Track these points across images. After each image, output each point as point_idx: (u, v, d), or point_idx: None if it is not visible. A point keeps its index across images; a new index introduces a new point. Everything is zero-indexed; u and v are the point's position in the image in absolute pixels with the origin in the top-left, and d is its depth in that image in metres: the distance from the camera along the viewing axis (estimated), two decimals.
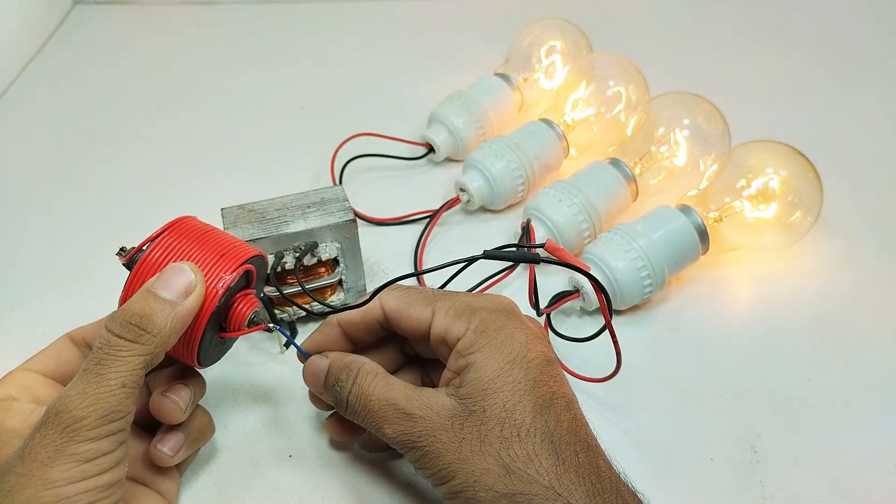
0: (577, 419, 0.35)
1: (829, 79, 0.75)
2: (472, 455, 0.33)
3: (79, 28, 0.87)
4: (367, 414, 0.36)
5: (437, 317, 0.37)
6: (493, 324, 0.36)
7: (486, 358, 0.35)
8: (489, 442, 0.33)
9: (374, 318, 0.39)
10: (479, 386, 0.35)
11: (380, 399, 0.36)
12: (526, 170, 0.57)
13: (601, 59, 0.62)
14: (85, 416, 0.31)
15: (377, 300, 0.39)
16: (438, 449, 0.34)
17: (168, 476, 0.39)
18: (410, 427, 0.35)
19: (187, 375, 0.38)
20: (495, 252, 0.38)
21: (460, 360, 0.36)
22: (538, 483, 0.32)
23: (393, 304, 0.39)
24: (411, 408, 0.35)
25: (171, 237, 0.37)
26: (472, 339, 0.36)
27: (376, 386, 0.36)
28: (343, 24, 0.86)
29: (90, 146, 0.69)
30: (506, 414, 0.34)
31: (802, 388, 0.46)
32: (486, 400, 0.34)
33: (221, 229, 0.39)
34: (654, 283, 0.49)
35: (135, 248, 0.37)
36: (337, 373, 0.38)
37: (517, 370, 0.35)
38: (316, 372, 0.39)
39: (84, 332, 0.39)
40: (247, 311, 0.38)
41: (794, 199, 0.51)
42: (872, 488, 0.41)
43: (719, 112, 0.56)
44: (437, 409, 0.35)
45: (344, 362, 0.38)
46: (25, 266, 0.56)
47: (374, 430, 0.36)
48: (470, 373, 0.35)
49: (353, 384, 0.37)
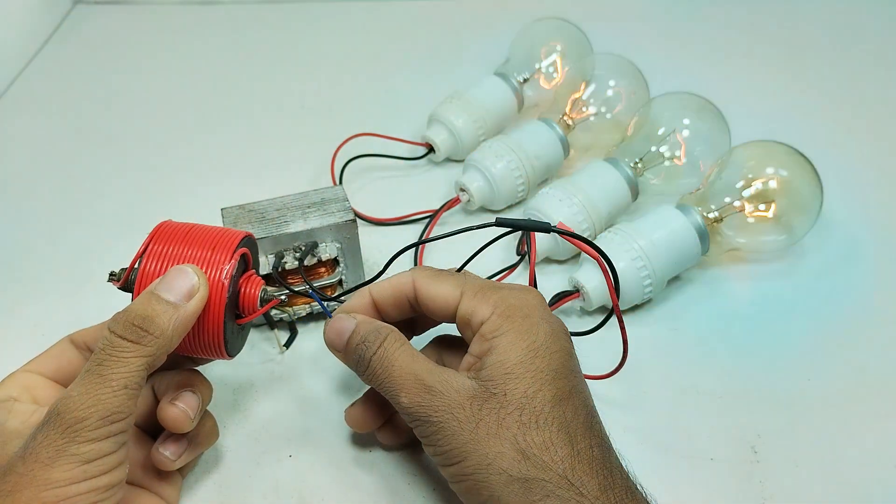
0: (593, 415, 0.36)
1: (829, 79, 0.75)
2: (488, 437, 0.34)
3: (79, 28, 0.87)
4: (387, 378, 0.36)
5: (465, 298, 0.38)
6: (520, 311, 0.37)
7: (509, 343, 0.35)
8: (507, 426, 0.34)
9: (404, 293, 0.40)
10: (501, 370, 0.35)
11: (402, 367, 0.36)
12: (526, 170, 0.57)
13: (601, 59, 0.62)
14: (86, 416, 0.31)
15: (409, 276, 0.40)
16: (454, 427, 0.34)
17: (169, 480, 0.39)
18: (428, 400, 0.35)
19: (195, 381, 0.38)
20: (507, 220, 0.39)
21: (483, 343, 0.36)
22: (552, 471, 0.33)
23: (423, 282, 0.39)
24: (432, 381, 0.35)
25: (159, 245, 0.37)
26: (497, 324, 0.36)
27: (402, 353, 0.37)
28: (343, 24, 0.86)
29: (90, 146, 0.69)
30: (526, 400, 0.34)
31: (802, 388, 0.46)
32: (508, 384, 0.34)
33: (199, 223, 0.39)
34: (654, 283, 0.49)
35: (127, 269, 0.37)
36: (365, 333, 0.38)
37: (540, 359, 0.35)
38: (341, 329, 0.39)
39: (85, 335, 0.39)
40: (255, 291, 0.39)
41: (794, 199, 0.51)
42: (872, 488, 0.41)
43: (719, 112, 0.56)
44: (457, 388, 0.35)
45: (374, 325, 0.38)
46: (25, 266, 0.56)
47: (389, 398, 0.37)
48: (492, 356, 0.35)
49: (379, 346, 0.37)
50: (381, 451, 0.43)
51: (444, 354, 0.43)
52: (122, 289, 0.37)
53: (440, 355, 0.43)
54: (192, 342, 0.37)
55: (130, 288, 0.37)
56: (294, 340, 0.49)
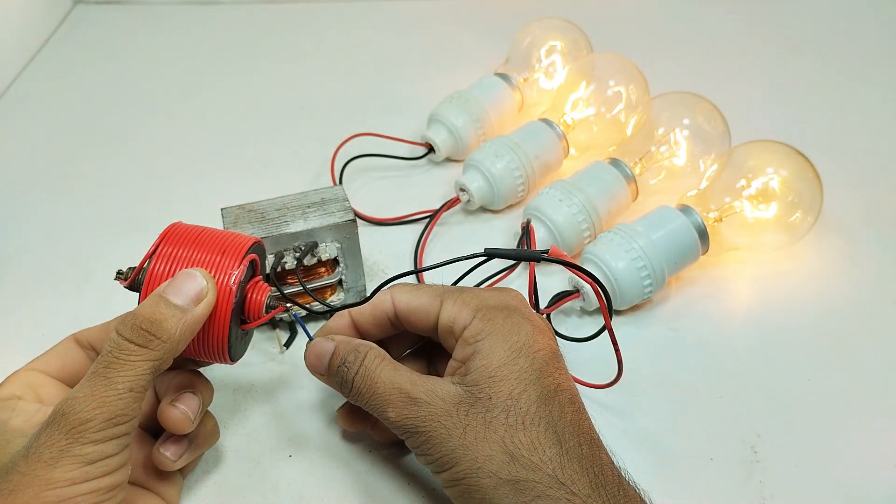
0: (580, 412, 0.36)
1: (829, 79, 0.75)
2: (476, 441, 0.34)
3: (79, 28, 0.87)
4: (372, 396, 0.36)
5: (445, 305, 0.38)
6: (501, 313, 0.37)
7: (492, 346, 0.36)
8: (494, 429, 0.34)
9: (384, 311, 0.40)
10: (485, 373, 0.35)
11: (386, 382, 0.36)
12: (526, 170, 0.57)
13: (601, 59, 0.62)
14: (91, 418, 0.31)
15: (388, 294, 0.40)
16: (442, 434, 0.34)
17: (170, 480, 0.39)
18: (415, 412, 0.35)
19: (196, 383, 0.38)
20: (496, 251, 0.39)
21: (467, 348, 0.36)
22: (542, 471, 0.33)
23: (403, 299, 0.40)
24: (417, 393, 0.35)
25: (169, 247, 0.37)
26: (479, 328, 0.36)
27: (383, 369, 0.37)
28: (343, 24, 0.86)
29: (90, 146, 0.69)
30: (511, 402, 0.34)
31: (802, 388, 0.46)
32: (493, 387, 0.35)
33: (210, 227, 0.39)
34: (654, 283, 0.49)
35: (135, 269, 0.37)
36: (344, 354, 0.38)
37: (523, 359, 0.35)
38: (320, 353, 0.39)
39: (89, 335, 0.39)
40: (262, 297, 0.39)
41: (794, 199, 0.51)
42: (872, 488, 0.41)
43: (719, 112, 0.56)
44: (443, 396, 0.35)
45: (352, 345, 0.38)
46: (25, 266, 0.56)
47: (377, 414, 0.37)
48: (476, 360, 0.35)
49: (360, 366, 0.37)
50: (379, 452, 0.43)
51: (432, 361, 0.43)
52: (130, 288, 0.37)
53: (429, 362, 0.43)
54: (196, 346, 0.37)
55: (138, 288, 0.37)
56: (294, 340, 0.49)
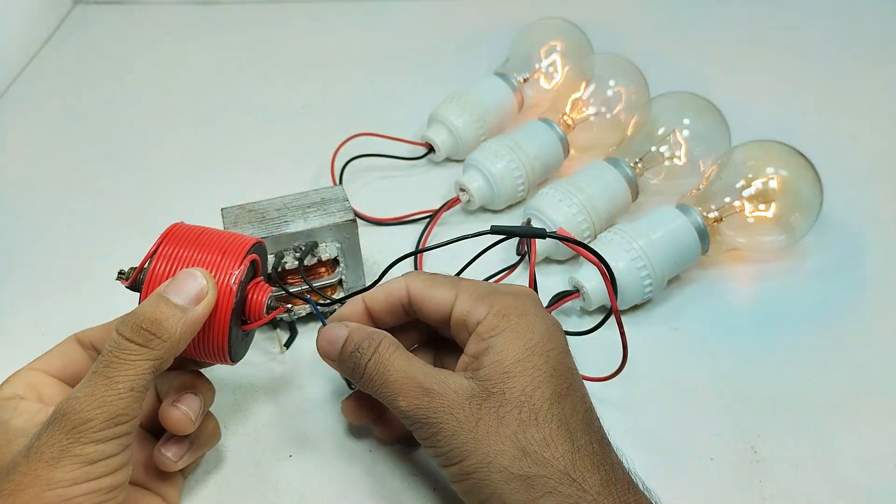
0: (591, 412, 0.36)
1: (829, 79, 0.75)
2: (487, 436, 0.34)
3: (79, 28, 0.87)
4: (384, 384, 0.36)
5: (460, 299, 0.38)
6: (516, 310, 0.37)
7: (506, 342, 0.36)
8: (506, 424, 0.34)
9: (398, 298, 0.40)
10: (499, 368, 0.35)
11: (398, 371, 0.36)
12: (526, 170, 0.57)
13: (601, 59, 0.62)
14: (92, 417, 0.31)
15: (402, 281, 0.40)
16: (454, 427, 0.34)
17: (171, 481, 0.39)
18: (427, 402, 0.35)
19: (198, 384, 0.38)
20: (502, 227, 0.39)
21: (480, 343, 0.36)
22: (553, 467, 0.33)
23: (417, 286, 0.39)
24: (429, 383, 0.35)
25: (170, 247, 0.37)
26: (493, 323, 0.36)
27: (397, 358, 0.37)
28: (343, 24, 0.86)
29: (90, 146, 0.69)
30: (525, 398, 0.34)
31: (802, 388, 0.46)
32: (506, 383, 0.35)
33: (211, 227, 0.39)
34: (654, 283, 0.49)
35: (136, 269, 0.37)
36: (359, 340, 0.38)
37: (537, 357, 0.35)
38: (333, 338, 0.39)
39: (90, 335, 0.39)
40: (263, 298, 0.39)
41: (794, 199, 0.51)
42: (872, 488, 0.41)
43: (719, 112, 0.56)
44: (455, 388, 0.35)
45: (367, 332, 0.38)
46: (25, 266, 0.56)
47: (388, 403, 0.37)
48: (489, 355, 0.35)
49: (374, 353, 0.37)
50: (380, 451, 0.43)
51: (439, 356, 0.43)
52: (131, 288, 0.37)
53: (436, 356, 0.43)
54: (196, 346, 0.37)
55: (139, 288, 0.37)
56: (294, 340, 0.49)
